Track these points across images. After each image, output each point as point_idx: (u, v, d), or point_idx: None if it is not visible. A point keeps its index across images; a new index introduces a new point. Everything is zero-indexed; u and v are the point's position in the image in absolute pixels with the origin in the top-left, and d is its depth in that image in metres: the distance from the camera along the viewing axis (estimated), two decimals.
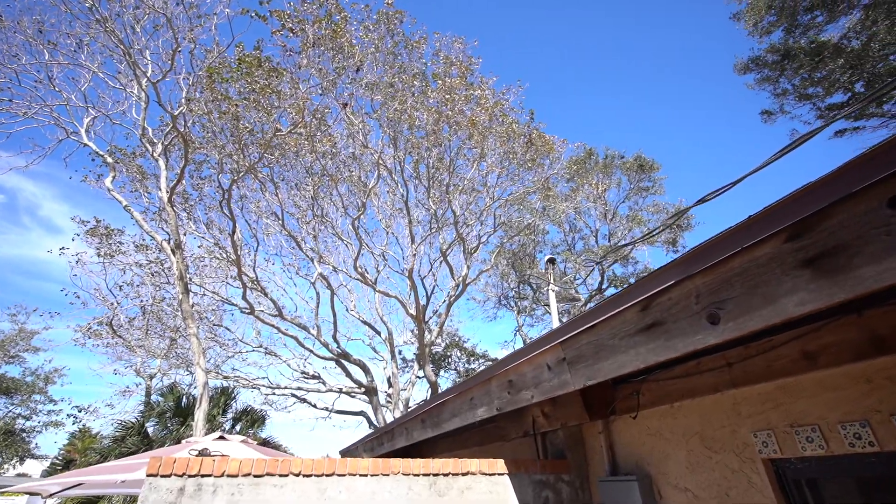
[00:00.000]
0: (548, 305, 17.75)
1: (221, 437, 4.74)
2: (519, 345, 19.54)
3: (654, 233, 9.37)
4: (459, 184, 12.85)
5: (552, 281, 7.92)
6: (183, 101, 8.14)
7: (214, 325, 14.48)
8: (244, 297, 10.82)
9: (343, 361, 13.34)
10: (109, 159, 9.06)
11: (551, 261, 7.72)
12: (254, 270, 12.69)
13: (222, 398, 13.38)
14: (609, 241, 16.71)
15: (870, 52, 13.46)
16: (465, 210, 13.60)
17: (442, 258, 13.44)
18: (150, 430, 12.61)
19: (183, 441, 4.95)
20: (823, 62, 13.71)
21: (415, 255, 12.29)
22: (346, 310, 15.39)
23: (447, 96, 10.27)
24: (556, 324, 8.22)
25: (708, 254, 1.74)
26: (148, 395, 14.39)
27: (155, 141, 9.14)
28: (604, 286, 16.72)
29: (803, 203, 1.48)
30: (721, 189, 2.77)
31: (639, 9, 47.07)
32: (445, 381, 19.91)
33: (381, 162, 11.12)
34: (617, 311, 2.21)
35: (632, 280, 15.91)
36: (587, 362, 2.51)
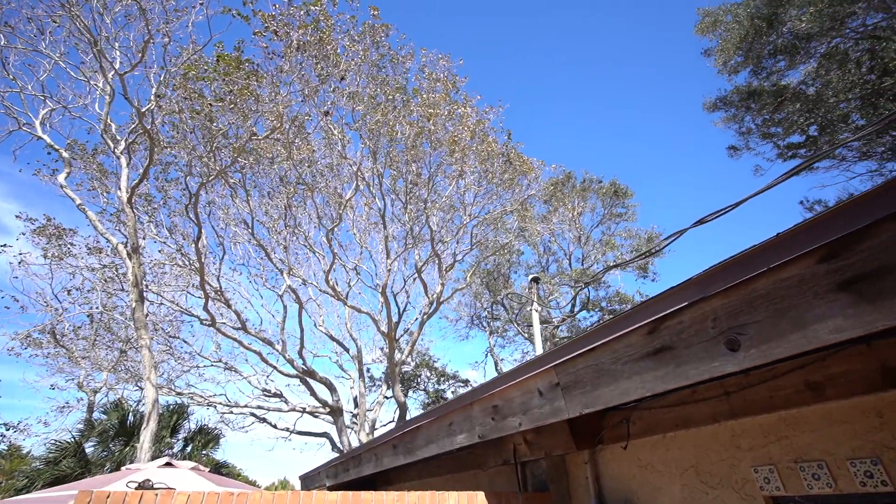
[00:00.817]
0: (521, 326, 17.68)
1: (168, 464, 4.25)
2: (491, 366, 19.32)
3: (645, 254, 9.50)
4: (437, 200, 12.75)
5: (535, 300, 7.81)
6: (152, 97, 7.71)
7: (170, 336, 13.59)
8: (205, 308, 10.20)
9: (308, 379, 12.73)
10: (65, 154, 8.44)
11: (535, 280, 7.63)
12: (218, 280, 12.04)
13: (174, 417, 12.45)
14: (582, 264, 16.92)
15: (823, 98, 14.43)
16: (442, 227, 13.47)
17: (416, 274, 13.19)
18: (88, 451, 11.52)
19: (123, 468, 4.42)
20: (783, 105, 14.60)
21: (389, 270, 11.99)
22: (314, 325, 14.82)
23: (430, 111, 10.22)
24: (538, 344, 8.07)
25: (728, 274, 1.61)
26: (90, 411, 13.23)
27: (118, 138, 8.61)
28: (576, 308, 16.85)
29: (838, 222, 1.37)
30: (720, 211, 2.71)
31: (618, 38, 49.47)
32: (414, 402, 19.38)
33: (359, 174, 10.88)
34: (620, 333, 2.05)
35: (604, 304, 16.11)
36: (584, 388, 2.32)
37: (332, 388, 13.04)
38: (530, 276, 7.62)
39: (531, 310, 7.68)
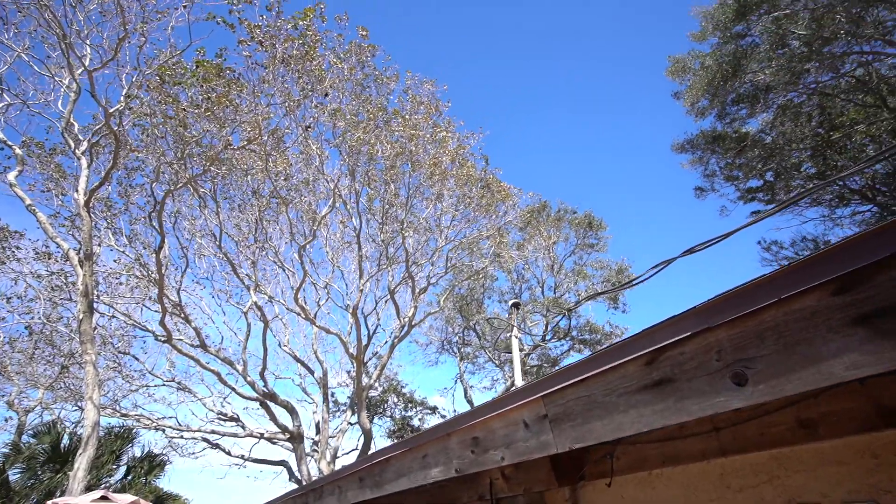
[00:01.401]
0: (492, 352, 17.52)
1: (104, 498, 3.78)
2: (460, 393, 18.93)
3: (632, 283, 9.58)
4: (414, 222, 12.65)
5: (516, 326, 7.67)
6: (123, 98, 7.36)
7: (120, 352, 12.66)
8: (162, 323, 9.56)
9: (268, 402, 12.05)
10: (19, 151, 7.88)
11: (516, 305, 7.51)
12: (178, 293, 11.39)
13: (117, 441, 11.44)
14: (554, 292, 17.06)
15: (778, 147, 15.45)
16: (417, 249, 13.34)
17: (389, 296, 12.91)
18: (13, 479, 10.35)
19: (49, 502, 3.90)
20: (744, 150, 15.51)
21: (361, 291, 11.68)
22: (279, 345, 14.18)
23: (413, 132, 10.23)
24: (517, 372, 7.87)
25: (734, 304, 1.55)
26: (19, 434, 11.99)
27: (81, 138, 8.13)
28: (548, 336, 16.86)
29: (853, 254, 1.32)
30: (710, 241, 2.70)
31: (595, 74, 51.92)
32: (379, 430, 18.66)
33: (336, 191, 10.69)
34: (615, 363, 1.95)
35: (574, 333, 16.20)
36: (575, 421, 2.19)
37: (293, 413, 12.38)
38: (511, 302, 7.50)
39: (511, 336, 7.53)
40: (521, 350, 17.23)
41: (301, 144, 10.41)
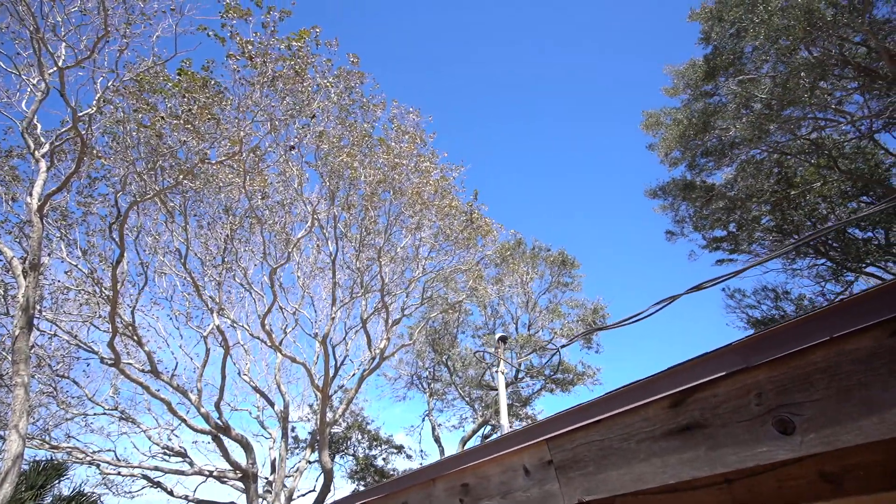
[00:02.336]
0: (463, 388, 17.02)
1: None
2: (427, 431, 18.16)
3: (629, 320, 9.60)
4: (391, 251, 12.42)
5: (502, 362, 7.36)
6: (95, 101, 6.99)
7: (58, 375, 11.51)
8: (111, 344, 8.77)
9: (221, 436, 11.11)
10: None
11: (503, 339, 7.24)
12: (132, 313, 10.58)
13: (41, 477, 10.17)
14: (528, 330, 16.94)
15: (740, 200, 16.36)
16: (392, 280, 13.05)
17: (361, 326, 12.43)
18: None
19: None
20: (711, 201, 16.31)
21: (333, 319, 11.20)
22: (238, 374, 13.30)
23: (397, 160, 10.19)
24: (504, 411, 7.49)
25: (776, 342, 1.41)
26: None
27: (43, 140, 7.63)
28: (520, 375, 16.58)
29: None
30: (719, 278, 2.64)
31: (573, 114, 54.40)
32: (340, 469, 17.52)
33: (315, 215, 10.40)
34: (634, 405, 1.77)
35: (547, 371, 16.01)
36: (586, 469, 1.97)
37: (248, 449, 11.44)
38: (498, 335, 7.25)
39: (497, 371, 7.23)
40: (494, 388, 16.82)
41: (281, 164, 10.17)
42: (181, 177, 8.08)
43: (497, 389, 15.62)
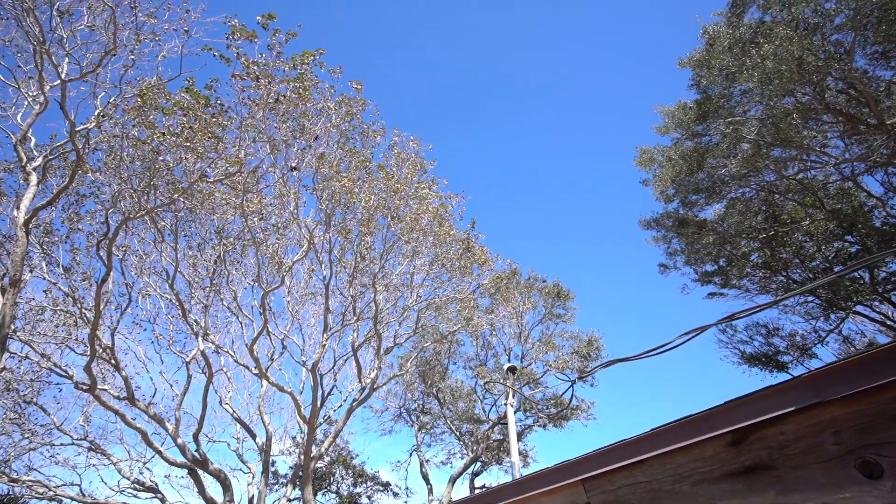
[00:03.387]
0: (453, 422, 16.44)
1: None
2: (415, 467, 17.38)
3: (664, 348, 9.35)
4: (385, 279, 12.19)
5: (511, 394, 7.01)
6: (95, 116, 6.85)
7: (25, 401, 10.78)
8: (87, 368, 8.26)
9: (198, 470, 10.41)
10: None
11: (511, 370, 6.92)
12: (112, 335, 10.06)
13: None
14: (521, 362, 16.61)
15: (728, 236, 16.66)
16: (384, 308, 12.76)
17: (351, 354, 12.02)
18: None
19: None
20: (703, 236, 16.57)
21: (324, 346, 10.81)
22: (220, 403, 12.65)
23: (397, 185, 10.15)
24: (513, 446, 7.07)
25: (856, 375, 1.28)
26: None
27: (36, 154, 7.40)
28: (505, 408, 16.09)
29: None
30: (750, 310, 2.53)
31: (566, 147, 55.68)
32: None
33: (311, 239, 10.20)
34: (688, 442, 1.60)
35: (542, 406, 15.59)
36: None
37: (225, 485, 10.71)
38: (506, 366, 6.94)
39: (506, 404, 6.90)
40: (485, 422, 16.29)
41: (279, 186, 10.04)
42: (176, 195, 7.87)
43: (486, 423, 15.11)
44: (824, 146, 13.56)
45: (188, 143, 7.18)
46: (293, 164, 8.75)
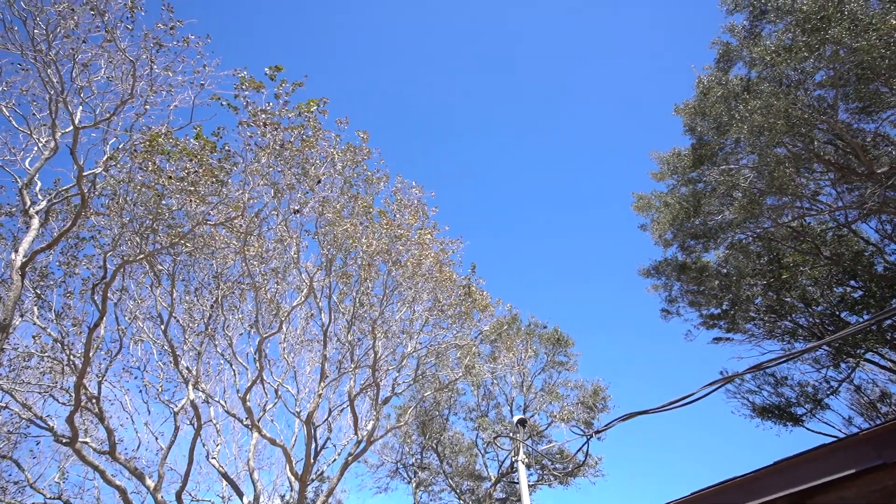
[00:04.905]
0: (454, 478, 15.49)
1: None
2: None
3: (687, 400, 8.88)
4: (384, 326, 11.95)
5: (522, 449, 6.57)
6: (102, 161, 6.95)
7: (0, 455, 10.15)
8: (69, 420, 7.83)
9: None
10: None
11: (521, 422, 6.52)
12: (98, 384, 9.66)
13: None
14: (524, 412, 15.95)
15: (732, 279, 16.59)
16: (384, 354, 12.40)
17: (347, 404, 11.52)
18: None
19: None
20: (705, 280, 16.50)
21: (320, 395, 10.38)
22: (207, 456, 11.94)
23: (399, 231, 10.18)
24: None
25: None
26: None
27: (40, 197, 7.43)
28: (515, 464, 15.25)
29: None
30: (778, 359, 2.41)
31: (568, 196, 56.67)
32: None
33: (311, 284, 10.09)
34: None
35: (549, 462, 14.78)
36: None
37: None
38: (516, 418, 6.55)
39: (516, 460, 6.46)
40: (487, 479, 15.39)
41: (281, 230, 10.06)
42: (177, 239, 7.84)
43: (489, 480, 14.23)
44: (816, 194, 13.84)
45: (192, 188, 7.25)
46: (296, 208, 8.81)
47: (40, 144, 7.31)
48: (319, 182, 8.69)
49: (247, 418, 9.99)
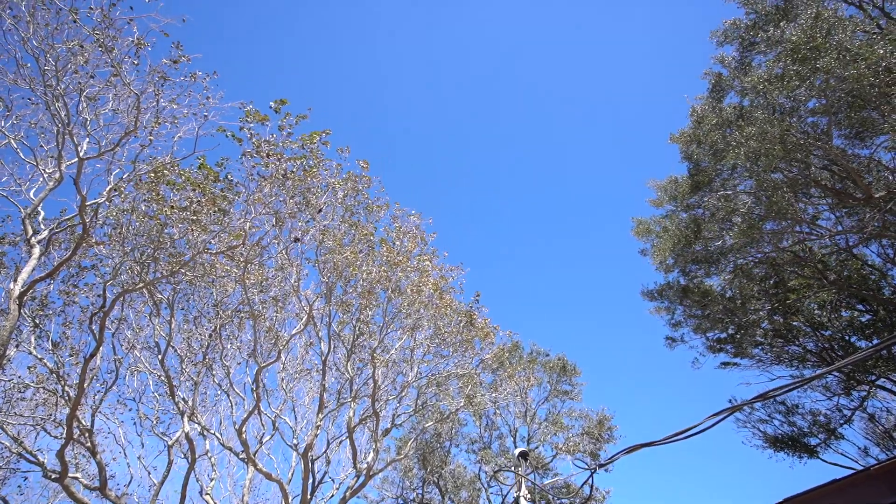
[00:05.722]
0: None
1: None
2: None
3: (691, 432, 8.55)
4: (383, 355, 11.79)
5: (525, 484, 6.31)
6: (107, 191, 7.04)
7: None
8: (60, 454, 7.63)
9: None
10: None
11: (523, 455, 6.26)
12: (92, 416, 9.46)
13: None
14: (527, 444, 15.50)
15: (737, 304, 16.40)
16: (384, 384, 12.18)
17: (346, 436, 11.22)
18: None
19: None
20: (709, 304, 16.32)
21: (318, 427, 10.13)
22: (200, 492, 11.55)
23: (398, 258, 10.19)
24: None
25: None
26: None
27: (43, 227, 7.50)
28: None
29: None
30: (788, 386, 2.34)
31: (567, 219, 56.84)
32: None
33: (310, 312, 10.02)
34: None
35: (554, 497, 14.22)
36: None
37: None
38: (517, 451, 6.30)
39: (518, 495, 6.21)
40: None
41: (282, 258, 10.08)
42: (178, 268, 7.85)
43: None
44: (816, 218, 13.86)
45: (195, 217, 7.32)
46: (296, 236, 8.85)
47: (45, 175, 7.43)
48: (320, 211, 8.76)
49: (242, 451, 9.72)
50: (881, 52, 9.57)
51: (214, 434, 12.01)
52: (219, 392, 12.47)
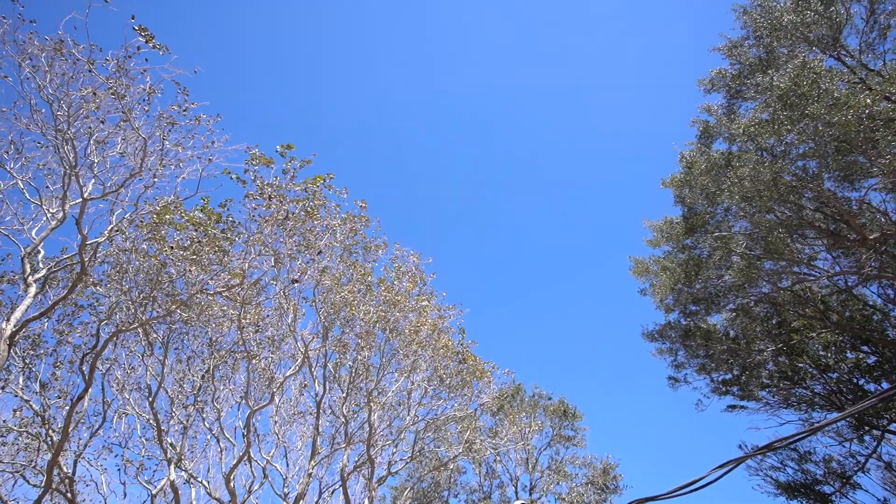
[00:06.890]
0: None
1: None
2: None
3: (698, 484, 8.18)
4: (380, 397, 11.49)
5: None
6: (108, 231, 7.11)
7: None
8: (39, 503, 7.25)
9: None
10: None
11: None
12: (74, 462, 9.07)
13: None
14: (530, 494, 14.79)
15: (740, 344, 16.15)
16: (380, 428, 11.78)
17: (340, 484, 10.71)
18: None
19: None
20: (712, 344, 16.06)
21: (310, 475, 9.70)
22: None
23: (397, 298, 10.14)
24: None
25: None
26: None
27: (42, 266, 7.51)
28: None
29: None
30: (795, 436, 2.27)
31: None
32: None
33: (306, 352, 9.86)
34: None
35: None
36: None
37: None
38: (519, 502, 5.98)
39: None
40: None
41: (279, 298, 10.02)
42: (174, 307, 7.79)
43: None
44: (813, 259, 13.93)
45: (195, 257, 7.34)
46: (295, 277, 8.85)
47: (49, 215, 7.53)
48: (320, 253, 8.82)
49: (230, 501, 9.25)
50: (868, 101, 9.96)
51: (201, 482, 11.47)
52: (209, 437, 12.03)
